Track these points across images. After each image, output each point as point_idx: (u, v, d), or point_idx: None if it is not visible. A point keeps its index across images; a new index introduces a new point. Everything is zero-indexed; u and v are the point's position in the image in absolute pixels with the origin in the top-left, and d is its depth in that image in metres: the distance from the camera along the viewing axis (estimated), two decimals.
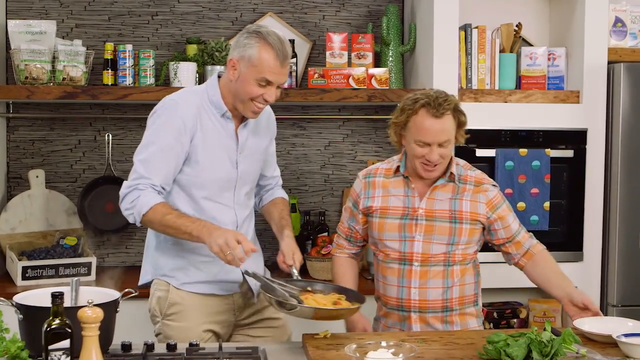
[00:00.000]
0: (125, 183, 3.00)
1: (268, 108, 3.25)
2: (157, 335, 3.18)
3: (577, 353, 2.61)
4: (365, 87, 4.34)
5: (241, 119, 3.13)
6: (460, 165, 3.19)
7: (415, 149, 3.05)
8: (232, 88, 3.03)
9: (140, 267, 4.55)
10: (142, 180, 2.96)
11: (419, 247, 3.09)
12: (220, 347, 2.70)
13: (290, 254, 3.10)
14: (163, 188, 3.00)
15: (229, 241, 2.81)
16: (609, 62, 4.31)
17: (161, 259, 3.16)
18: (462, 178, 3.15)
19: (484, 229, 3.17)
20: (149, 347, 2.68)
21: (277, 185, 3.44)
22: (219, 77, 3.13)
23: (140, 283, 3.24)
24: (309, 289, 3.01)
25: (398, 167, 3.19)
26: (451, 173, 3.12)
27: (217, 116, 3.07)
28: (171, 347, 2.69)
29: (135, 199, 2.94)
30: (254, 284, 3.15)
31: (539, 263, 3.17)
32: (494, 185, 3.18)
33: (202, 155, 3.03)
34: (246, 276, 3.01)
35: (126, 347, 2.66)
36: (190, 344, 2.71)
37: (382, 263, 3.19)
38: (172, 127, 2.99)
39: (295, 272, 3.08)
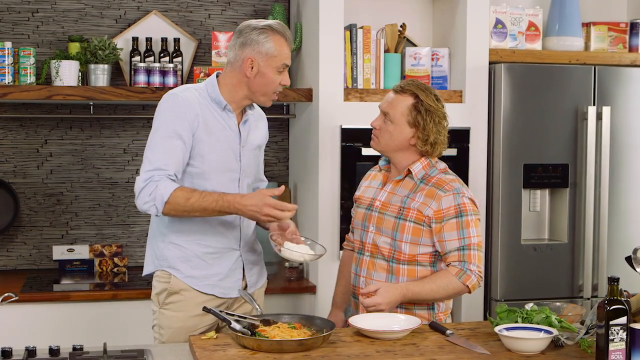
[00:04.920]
0: (138, 179, 3.02)
1: (259, 109, 3.37)
2: (153, 327, 3.22)
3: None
4: None
5: (241, 116, 3.23)
6: (436, 168, 3.18)
7: None
8: (250, 84, 3.14)
9: (22, 270, 4.52)
10: (157, 172, 3.00)
11: (370, 238, 3.20)
12: (105, 350, 2.66)
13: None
14: (176, 176, 3.05)
15: (263, 211, 2.96)
16: (490, 63, 4.41)
17: (165, 250, 3.17)
18: (427, 179, 3.14)
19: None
20: (31, 352, 2.61)
21: None
22: (217, 76, 3.22)
23: (143, 274, 3.29)
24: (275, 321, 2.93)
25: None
26: (408, 170, 3.16)
27: (219, 110, 3.16)
28: (54, 352, 2.63)
29: (154, 190, 2.97)
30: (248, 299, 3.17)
31: None
32: (457, 194, 3.09)
33: (206, 148, 3.11)
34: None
35: (6, 353, 2.59)
36: (74, 348, 2.66)
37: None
38: (174, 117, 3.06)
39: (257, 305, 3.12)
